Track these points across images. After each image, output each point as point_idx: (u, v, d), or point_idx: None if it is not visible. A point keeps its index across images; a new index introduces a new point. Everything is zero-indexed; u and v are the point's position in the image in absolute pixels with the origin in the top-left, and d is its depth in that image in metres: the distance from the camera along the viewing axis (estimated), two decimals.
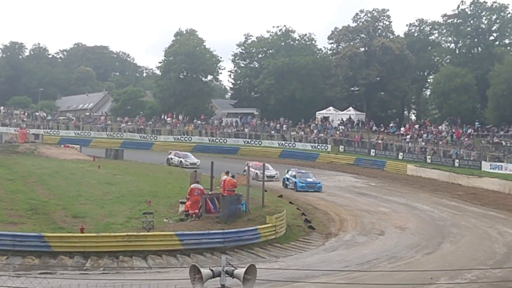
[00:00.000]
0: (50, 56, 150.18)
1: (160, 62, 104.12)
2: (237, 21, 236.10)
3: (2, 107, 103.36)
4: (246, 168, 47.38)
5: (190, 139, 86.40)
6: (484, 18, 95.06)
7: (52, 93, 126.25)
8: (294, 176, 53.97)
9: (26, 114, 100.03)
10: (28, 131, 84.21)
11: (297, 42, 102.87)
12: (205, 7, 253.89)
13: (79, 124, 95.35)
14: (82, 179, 49.32)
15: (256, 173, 53.44)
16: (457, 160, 65.08)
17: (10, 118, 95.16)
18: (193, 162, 64.29)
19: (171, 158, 67.06)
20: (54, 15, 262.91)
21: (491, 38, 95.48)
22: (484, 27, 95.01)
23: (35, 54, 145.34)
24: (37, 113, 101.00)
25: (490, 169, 60.55)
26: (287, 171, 55.74)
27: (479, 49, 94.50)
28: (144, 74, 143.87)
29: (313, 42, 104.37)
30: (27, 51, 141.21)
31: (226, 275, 8.45)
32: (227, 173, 38.87)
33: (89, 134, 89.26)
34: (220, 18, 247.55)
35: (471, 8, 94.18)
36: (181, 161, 65.39)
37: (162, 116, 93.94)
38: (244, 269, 8.66)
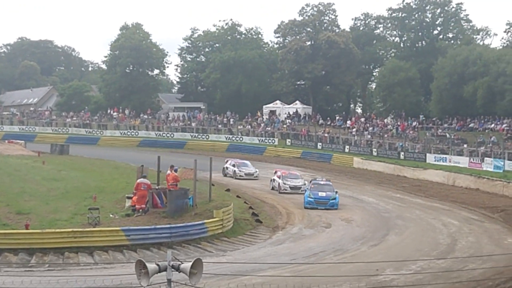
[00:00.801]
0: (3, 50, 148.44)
1: (105, 57, 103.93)
2: (183, 15, 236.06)
3: None
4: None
5: (137, 133, 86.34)
6: (428, 12, 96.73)
7: None
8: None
9: None
10: None
11: (243, 36, 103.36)
12: (151, 1, 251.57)
13: (23, 119, 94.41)
14: (26, 175, 48.93)
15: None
16: (402, 153, 66.11)
17: None
18: (249, 173, 56.42)
19: (226, 168, 57.91)
20: None
21: (435, 32, 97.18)
22: (428, 21, 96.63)
23: None
24: None
25: (435, 161, 61.68)
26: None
27: (423, 43, 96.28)
28: (90, 69, 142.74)
29: (260, 36, 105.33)
30: None
31: (173, 269, 8.75)
32: (171, 167, 39.01)
33: (33, 129, 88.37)
34: (167, 12, 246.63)
35: (416, 2, 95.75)
36: (234, 171, 56.44)
37: (108, 111, 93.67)
38: (191, 263, 8.98)
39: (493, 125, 71.14)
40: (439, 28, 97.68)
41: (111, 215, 34.62)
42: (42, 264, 26.14)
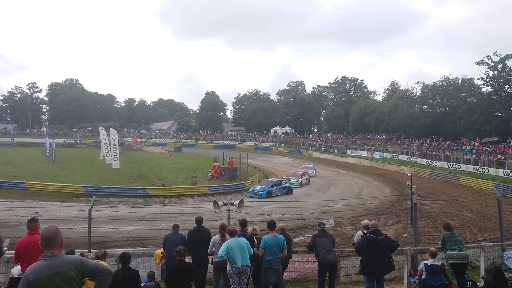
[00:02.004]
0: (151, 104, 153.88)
1: (198, 107, 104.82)
2: (234, 86, 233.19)
3: (125, 129, 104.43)
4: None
5: (213, 142, 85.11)
6: (347, 83, 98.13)
7: (149, 121, 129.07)
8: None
9: (136, 132, 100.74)
10: (137, 139, 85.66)
11: (261, 96, 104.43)
12: (219, 77, 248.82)
13: (161, 136, 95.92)
14: (162, 161, 50.65)
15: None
16: (336, 149, 67.04)
17: (127, 133, 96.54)
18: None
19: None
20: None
21: (351, 93, 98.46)
22: (347, 87, 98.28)
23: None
24: (142, 131, 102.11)
25: (351, 153, 62.60)
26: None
27: (345, 98, 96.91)
28: (191, 112, 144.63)
29: (269, 96, 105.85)
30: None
31: (230, 204, 11.84)
32: (230, 158, 41.06)
33: (165, 140, 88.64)
34: (227, 84, 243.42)
35: (341, 79, 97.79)
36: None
37: (200, 131, 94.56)
38: (239, 201, 12.02)
39: (378, 136, 72.49)
40: (353, 90, 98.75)
41: (201, 180, 36.33)
42: (170, 202, 28.36)
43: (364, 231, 8.83)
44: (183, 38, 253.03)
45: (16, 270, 6.58)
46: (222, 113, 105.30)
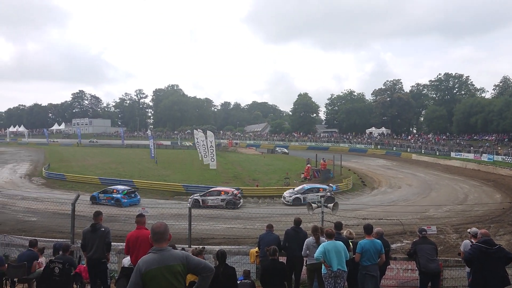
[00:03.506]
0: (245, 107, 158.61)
1: (291, 109, 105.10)
2: (326, 87, 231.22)
3: (221, 131, 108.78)
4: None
5: (305, 143, 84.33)
6: (450, 81, 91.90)
7: (243, 123, 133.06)
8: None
9: (232, 134, 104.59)
10: (232, 141, 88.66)
11: (355, 96, 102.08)
12: (309, 79, 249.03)
13: (255, 137, 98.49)
14: (257, 162, 51.66)
15: None
16: (437, 152, 63.62)
17: (223, 135, 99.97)
18: None
19: None
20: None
21: (454, 91, 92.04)
22: (450, 85, 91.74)
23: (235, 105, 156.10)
24: (237, 133, 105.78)
25: (455, 155, 58.55)
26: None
27: (448, 97, 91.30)
28: (284, 114, 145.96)
29: (363, 96, 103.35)
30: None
31: (324, 206, 11.60)
32: (323, 159, 40.49)
33: (259, 142, 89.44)
34: (319, 85, 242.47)
35: (444, 76, 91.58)
36: None
37: (293, 133, 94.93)
38: (333, 204, 11.74)
39: (487, 137, 66.88)
40: (456, 87, 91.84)
41: (294, 181, 35.91)
42: (263, 203, 28.88)
43: (473, 240, 8.06)
44: (273, 41, 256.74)
45: (126, 260, 7.13)
46: (315, 115, 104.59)
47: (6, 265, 8.41)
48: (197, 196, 26.79)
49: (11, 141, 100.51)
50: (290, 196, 28.02)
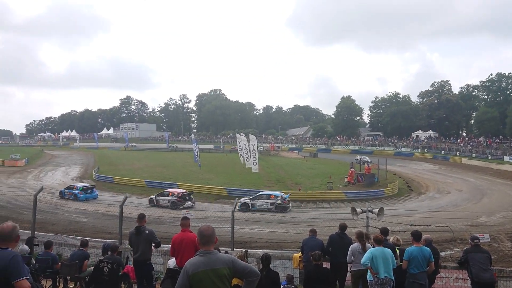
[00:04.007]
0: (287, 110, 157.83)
1: (333, 112, 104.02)
2: (370, 89, 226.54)
3: (263, 135, 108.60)
4: None
5: (349, 147, 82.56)
6: (504, 81, 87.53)
7: (285, 127, 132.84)
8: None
9: (274, 138, 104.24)
10: (274, 145, 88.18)
11: (400, 99, 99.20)
12: (352, 81, 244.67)
13: (297, 141, 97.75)
14: (299, 166, 51.14)
15: None
16: (489, 155, 60.70)
17: (265, 139, 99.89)
18: None
19: None
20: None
21: (508, 91, 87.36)
22: (504, 86, 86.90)
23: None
24: (279, 137, 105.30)
25: (509, 159, 56.13)
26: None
27: (501, 98, 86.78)
28: (327, 117, 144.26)
29: (409, 98, 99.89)
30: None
31: (369, 211, 11.32)
32: (367, 164, 39.44)
33: (301, 146, 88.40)
34: (359, 89, 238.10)
35: (496, 76, 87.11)
36: None
37: (336, 137, 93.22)
38: (378, 209, 11.45)
39: None
40: (510, 88, 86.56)
41: (337, 185, 35.82)
42: (306, 207, 28.83)
43: None
44: (315, 44, 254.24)
45: (171, 262, 7.26)
46: (358, 118, 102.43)
47: (60, 263, 8.79)
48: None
49: (64, 145, 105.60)
50: (239, 201, 26.13)
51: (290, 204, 27.70)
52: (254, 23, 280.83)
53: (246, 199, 27.18)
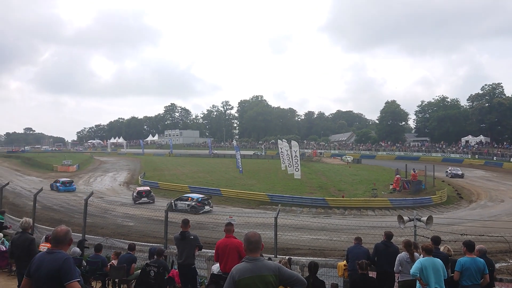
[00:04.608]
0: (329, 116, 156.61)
1: (377, 117, 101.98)
2: (414, 92, 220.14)
3: (305, 141, 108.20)
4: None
5: (394, 153, 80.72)
6: None
7: (328, 133, 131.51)
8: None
9: (316, 143, 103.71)
10: (316, 151, 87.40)
11: (448, 103, 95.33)
12: (396, 85, 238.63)
13: (340, 147, 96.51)
14: (342, 172, 50.21)
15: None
16: None
17: (307, 145, 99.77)
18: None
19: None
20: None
21: None
22: None
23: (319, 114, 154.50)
24: (321, 143, 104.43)
25: None
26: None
27: None
28: (370, 123, 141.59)
29: (457, 102, 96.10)
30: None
31: (417, 220, 10.87)
32: (414, 170, 38.67)
33: (344, 152, 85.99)
34: (404, 93, 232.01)
35: None
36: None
37: (380, 143, 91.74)
38: (427, 217, 10.95)
39: None
40: None
41: (382, 192, 35.08)
42: (350, 214, 28.22)
43: None
44: (356, 49, 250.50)
45: (215, 267, 7.34)
46: (403, 123, 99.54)
47: (109, 266, 9.10)
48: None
49: (112, 151, 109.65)
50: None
51: (208, 208, 29.14)
52: (294, 28, 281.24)
53: (172, 200, 27.78)
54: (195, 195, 30.54)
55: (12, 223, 15.87)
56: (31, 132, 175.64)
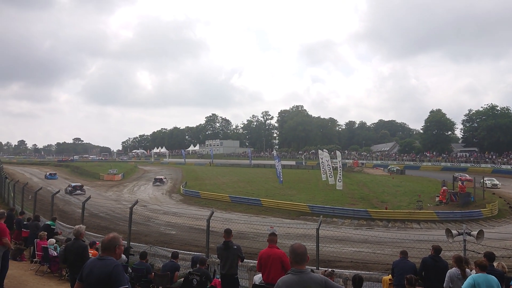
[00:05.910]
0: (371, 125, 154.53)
1: (422, 127, 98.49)
2: (461, 101, 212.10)
3: (346, 151, 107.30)
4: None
5: (440, 164, 78.04)
6: None
7: (369, 143, 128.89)
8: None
9: (357, 154, 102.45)
10: (358, 161, 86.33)
11: (498, 111, 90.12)
12: (441, 94, 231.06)
13: (382, 157, 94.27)
14: (385, 184, 49.17)
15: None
16: None
17: (348, 155, 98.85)
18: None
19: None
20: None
21: None
22: None
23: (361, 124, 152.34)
24: (363, 153, 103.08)
25: None
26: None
27: None
28: (414, 132, 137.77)
29: (508, 110, 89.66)
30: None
31: (466, 234, 10.35)
32: (461, 182, 37.30)
33: (387, 162, 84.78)
34: (450, 101, 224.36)
35: None
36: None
37: (425, 153, 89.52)
38: (477, 231, 10.43)
39: None
40: None
41: (428, 205, 33.78)
42: (393, 226, 27.49)
43: None
44: (397, 57, 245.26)
45: (257, 278, 7.28)
46: (450, 132, 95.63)
47: (153, 273, 9.30)
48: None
49: (155, 161, 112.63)
50: None
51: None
52: (332, 37, 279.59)
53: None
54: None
55: (62, 229, 16.61)
56: (79, 142, 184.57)
